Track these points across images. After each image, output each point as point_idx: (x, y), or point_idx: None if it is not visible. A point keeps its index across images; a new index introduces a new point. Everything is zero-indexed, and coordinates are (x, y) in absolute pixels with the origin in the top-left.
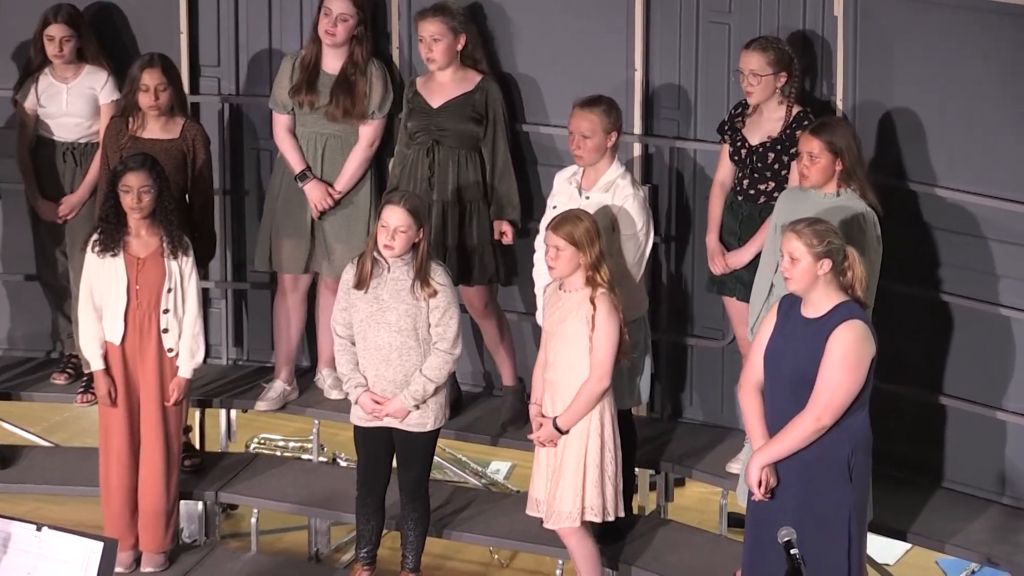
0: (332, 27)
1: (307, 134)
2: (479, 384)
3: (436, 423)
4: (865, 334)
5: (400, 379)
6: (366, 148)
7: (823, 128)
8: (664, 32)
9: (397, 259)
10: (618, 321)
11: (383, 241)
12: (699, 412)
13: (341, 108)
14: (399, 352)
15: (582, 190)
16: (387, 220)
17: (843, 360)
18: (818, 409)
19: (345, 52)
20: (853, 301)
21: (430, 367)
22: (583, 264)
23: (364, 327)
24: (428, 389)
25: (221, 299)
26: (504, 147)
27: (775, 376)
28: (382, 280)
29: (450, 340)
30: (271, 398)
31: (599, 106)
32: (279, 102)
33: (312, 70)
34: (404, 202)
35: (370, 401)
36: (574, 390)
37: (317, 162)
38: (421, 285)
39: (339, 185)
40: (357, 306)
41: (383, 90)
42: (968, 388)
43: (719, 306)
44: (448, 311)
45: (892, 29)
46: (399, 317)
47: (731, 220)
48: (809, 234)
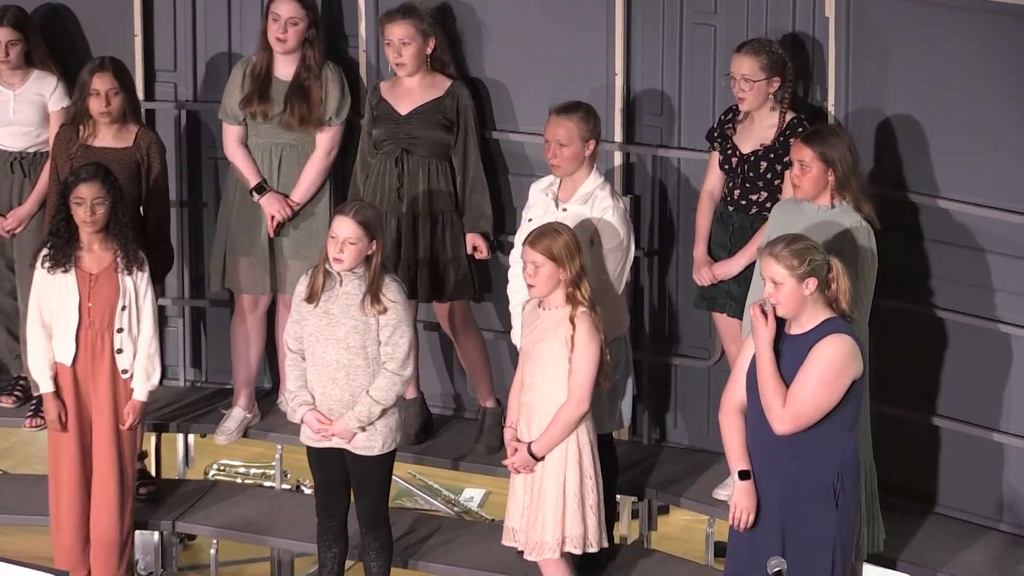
0: (282, 32)
1: (261, 145)
2: (450, 407)
3: (386, 447)
4: (852, 351)
5: (347, 398)
6: (324, 156)
7: (816, 136)
8: (646, 34)
9: (349, 273)
10: (599, 342)
11: (332, 253)
12: (684, 436)
13: (296, 116)
14: (346, 370)
15: (559, 202)
16: (336, 231)
17: (821, 371)
18: (785, 413)
19: (297, 57)
20: (840, 317)
21: (377, 388)
22: (563, 280)
23: (313, 342)
24: (374, 411)
25: (178, 317)
26: (476, 156)
27: (757, 397)
28: (333, 294)
29: (399, 360)
30: (229, 429)
31: (577, 113)
32: (229, 113)
33: (264, 78)
34: (355, 213)
35: (315, 420)
36: (551, 414)
37: (273, 174)
38: (371, 301)
39: (296, 196)
40: (308, 320)
41: (340, 94)
42: (965, 408)
43: (705, 324)
44: (398, 329)
45: (887, 31)
46: (348, 333)
47: (721, 232)
48: (788, 256)
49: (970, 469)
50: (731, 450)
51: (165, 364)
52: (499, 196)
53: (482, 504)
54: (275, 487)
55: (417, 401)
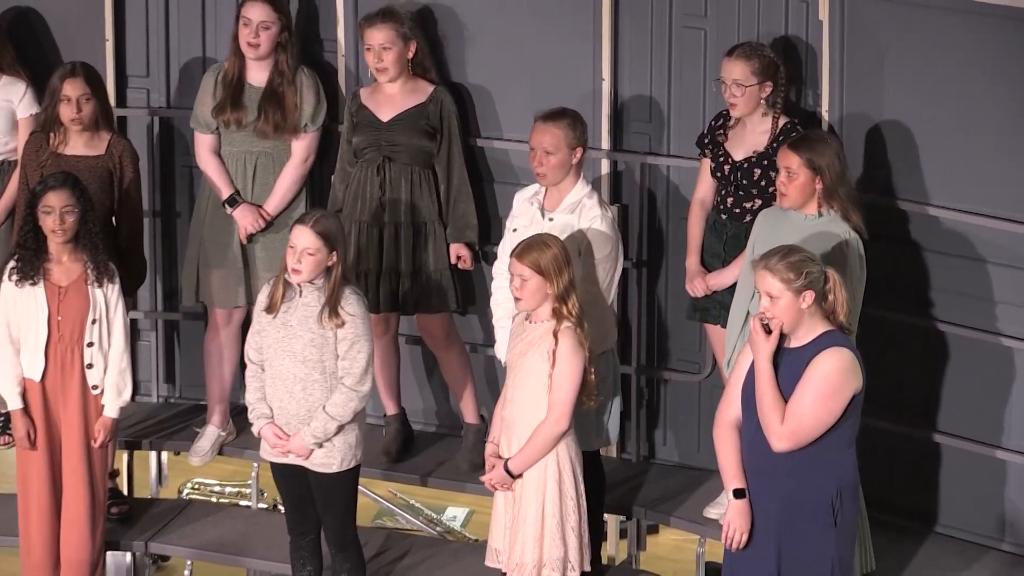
0: (254, 37)
1: (235, 153)
2: (432, 423)
3: (344, 464)
4: (851, 365)
5: (303, 414)
6: (300, 164)
7: (803, 143)
8: (634, 38)
9: (309, 284)
10: (582, 359)
11: (290, 264)
12: (674, 452)
13: (271, 123)
14: (303, 384)
15: (544, 211)
16: (294, 241)
17: (820, 386)
18: (784, 430)
19: (270, 63)
20: (839, 330)
21: (333, 404)
22: (550, 295)
23: (271, 354)
24: (330, 428)
25: (151, 331)
26: (460, 163)
27: (753, 412)
28: (292, 305)
29: (356, 375)
30: (203, 449)
31: (563, 119)
32: (202, 121)
33: (236, 85)
34: (314, 223)
35: (272, 435)
36: (530, 430)
37: (247, 184)
38: (329, 313)
39: (270, 206)
40: (267, 331)
41: (315, 100)
42: (964, 424)
43: (696, 337)
44: (356, 343)
45: (882, 34)
46: (305, 346)
47: (715, 241)
48: (784, 269)
49: (970, 487)
50: (725, 467)
51: (137, 379)
52: (484, 205)
53: (465, 523)
54: (251, 506)
55: (398, 417)
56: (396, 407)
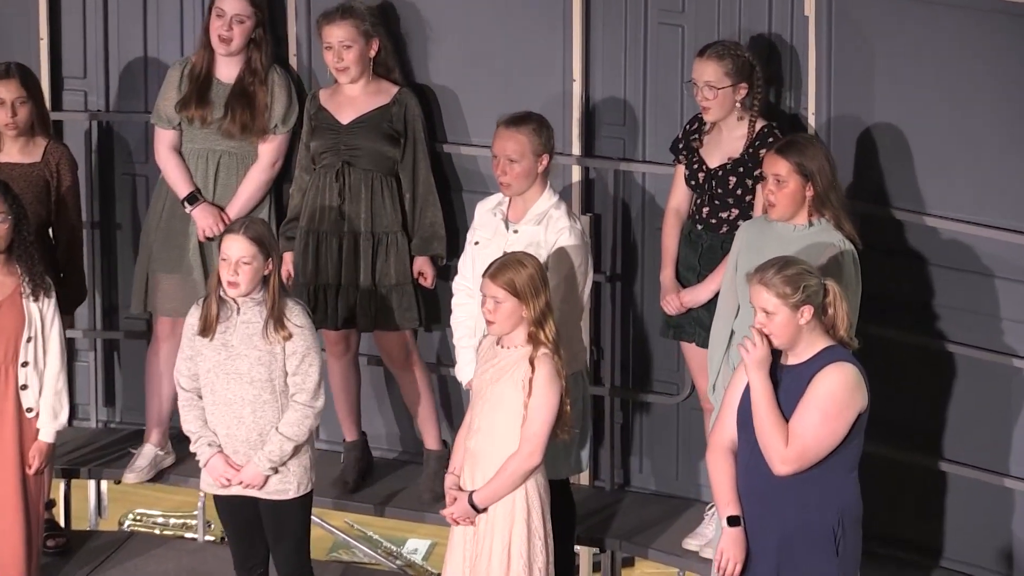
0: (227, 30)
1: (196, 151)
2: (394, 448)
3: (301, 488)
4: (856, 382)
5: (255, 438)
6: (266, 168)
7: (791, 147)
8: (606, 36)
9: (247, 299)
10: (559, 389)
11: (226, 277)
12: (651, 480)
13: (238, 123)
14: (252, 406)
15: (509, 223)
16: (227, 252)
17: (824, 404)
18: (788, 453)
19: (241, 59)
20: (840, 345)
21: (287, 423)
22: (525, 318)
23: (211, 378)
24: (286, 449)
25: (89, 351)
26: (426, 170)
27: (749, 434)
28: (231, 324)
29: (310, 391)
30: (140, 467)
31: (528, 124)
32: (163, 116)
33: (203, 80)
34: (245, 230)
35: (222, 465)
36: (498, 463)
37: (208, 183)
38: (275, 326)
39: (232, 210)
40: (204, 355)
41: (287, 101)
42: (968, 451)
43: (673, 357)
44: (307, 357)
45: (873, 31)
46: (251, 366)
47: (689, 253)
48: (780, 283)
49: (976, 517)
50: (720, 493)
51: (75, 402)
52: (450, 216)
53: (427, 556)
54: (197, 539)
55: (358, 444)
56: (356, 433)
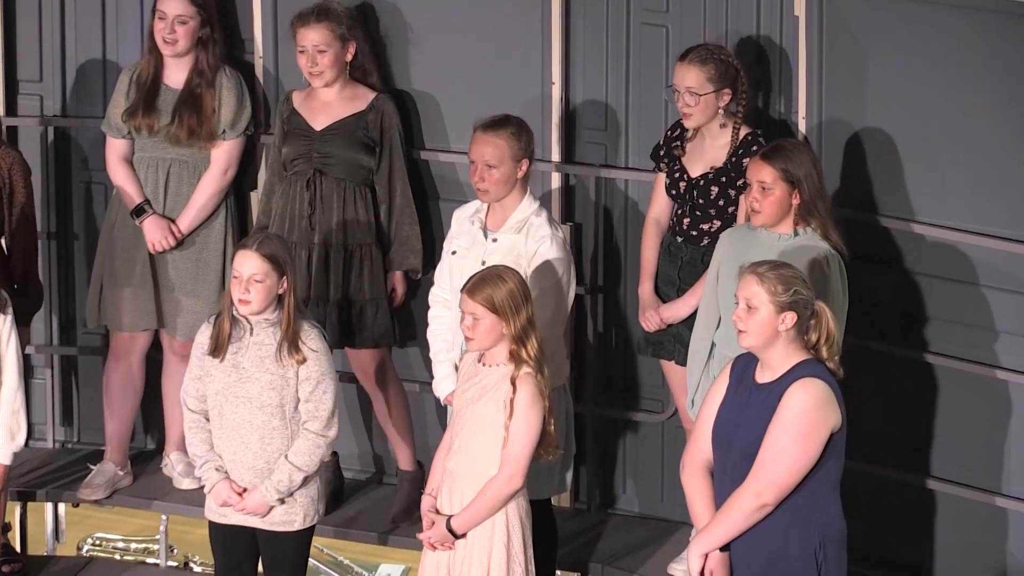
0: (169, 33)
1: (146, 160)
2: (368, 469)
3: (307, 520)
4: (826, 397)
5: (261, 466)
6: (219, 176)
7: (777, 153)
8: (587, 37)
9: (260, 318)
10: (542, 409)
11: (237, 295)
12: (635, 502)
13: (185, 128)
14: (260, 432)
15: (487, 231)
16: (239, 269)
17: (794, 424)
18: (759, 483)
19: (189, 61)
20: (816, 360)
21: (298, 452)
22: (506, 335)
23: (220, 401)
24: (295, 479)
25: (46, 367)
26: (403, 180)
27: (726, 453)
28: (243, 345)
29: (323, 419)
30: (97, 484)
31: (506, 128)
32: (113, 125)
33: (150, 86)
34: (259, 246)
35: (228, 490)
36: (477, 486)
37: (159, 194)
38: (289, 349)
39: (183, 222)
40: (213, 375)
41: (236, 104)
42: (959, 468)
43: (657, 373)
44: (322, 383)
45: (865, 32)
46: (262, 390)
47: (668, 266)
48: (773, 279)
49: (967, 538)
50: (698, 516)
51: (31, 422)
52: (427, 226)
53: None
54: (160, 564)
55: (330, 466)
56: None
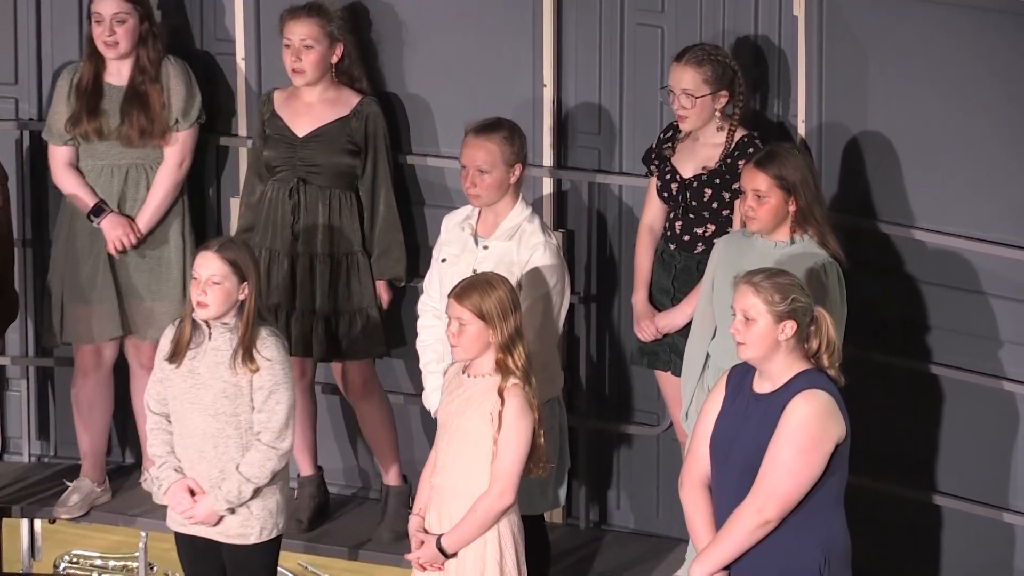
0: (109, 35)
1: (99, 167)
2: (353, 484)
3: (264, 534)
4: (829, 409)
5: (216, 475)
6: (174, 169)
7: (771, 159)
8: (579, 37)
9: (219, 324)
10: (531, 421)
11: (194, 297)
12: (629, 518)
13: (136, 127)
14: (214, 441)
15: (478, 238)
16: (197, 270)
17: (796, 438)
18: (760, 499)
19: (131, 58)
20: (817, 370)
21: (249, 463)
22: (493, 344)
23: (177, 407)
24: (245, 491)
25: (21, 379)
26: (387, 187)
27: (723, 467)
28: (201, 350)
29: (275, 430)
30: (73, 502)
31: (499, 132)
32: (54, 132)
33: (92, 90)
34: (220, 248)
35: (182, 490)
36: (466, 503)
37: (113, 201)
38: (243, 357)
39: (143, 220)
40: (172, 380)
41: (185, 92)
42: (964, 483)
43: (653, 384)
44: (275, 393)
45: (866, 33)
46: (216, 398)
47: (663, 275)
48: (769, 288)
49: (974, 555)
50: (698, 534)
51: (6, 435)
52: (416, 233)
53: None
54: None
55: (314, 480)
56: (312, 467)
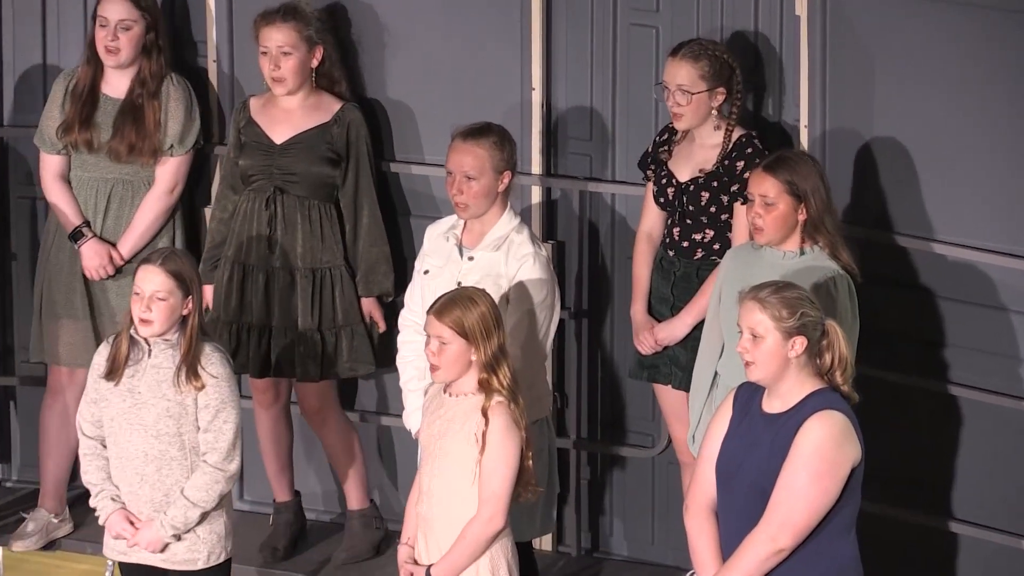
0: (111, 40)
1: (86, 180)
2: (332, 510)
3: (212, 559)
4: (845, 431)
5: (159, 500)
6: (163, 195)
7: (781, 164)
8: (570, 38)
9: (160, 340)
10: (518, 442)
11: (137, 314)
12: (623, 544)
13: (126, 143)
14: (157, 463)
15: (463, 249)
16: (140, 285)
17: (812, 463)
18: (773, 527)
19: (132, 69)
20: (831, 389)
21: (194, 486)
22: (475, 362)
23: (114, 428)
24: (191, 516)
25: None
26: (370, 197)
27: (731, 491)
28: (140, 368)
29: (222, 451)
30: (29, 533)
31: (488, 137)
32: (47, 140)
33: (88, 98)
34: (163, 262)
35: (123, 521)
36: (454, 530)
37: (98, 217)
38: (187, 374)
39: (125, 247)
40: (108, 400)
41: (184, 116)
42: (983, 509)
43: (648, 404)
44: (222, 412)
45: (872, 32)
46: (158, 417)
47: (661, 283)
48: (776, 303)
49: None
50: (702, 560)
51: None
52: (399, 245)
53: None
54: None
55: (291, 506)
56: (288, 492)
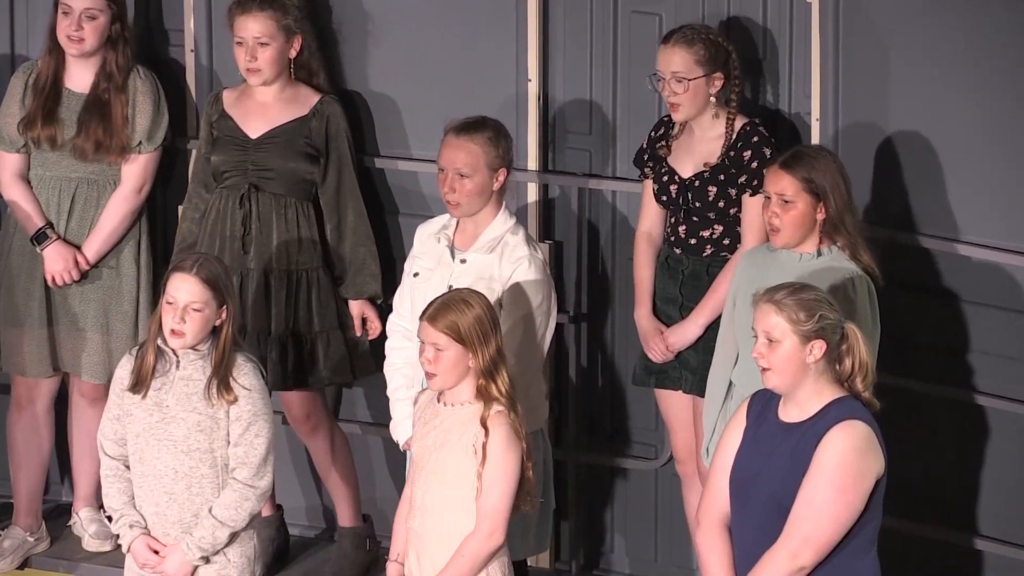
0: (75, 30)
1: (48, 179)
2: (316, 524)
3: None
4: (869, 443)
5: (188, 520)
6: (131, 195)
7: (798, 161)
8: (569, 26)
9: (190, 351)
10: (519, 452)
11: (170, 324)
12: (624, 561)
13: (92, 140)
14: (187, 481)
15: (455, 251)
16: (173, 295)
17: (835, 477)
18: (794, 543)
19: (97, 62)
20: (853, 397)
21: (223, 505)
22: (472, 369)
23: (141, 445)
24: (220, 536)
25: None
26: (354, 195)
27: (745, 504)
28: (168, 380)
29: (253, 466)
30: (3, 551)
31: (482, 132)
32: (5, 137)
33: (50, 92)
34: (198, 269)
35: (146, 549)
36: (449, 546)
37: (62, 218)
38: (219, 387)
39: (90, 250)
40: (133, 415)
41: (152, 111)
42: (1011, 525)
43: (652, 412)
44: (254, 425)
45: (888, 21)
46: (189, 432)
47: (669, 283)
48: (793, 305)
49: None
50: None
51: None
52: (385, 246)
53: None
54: None
55: (272, 521)
56: (270, 507)
